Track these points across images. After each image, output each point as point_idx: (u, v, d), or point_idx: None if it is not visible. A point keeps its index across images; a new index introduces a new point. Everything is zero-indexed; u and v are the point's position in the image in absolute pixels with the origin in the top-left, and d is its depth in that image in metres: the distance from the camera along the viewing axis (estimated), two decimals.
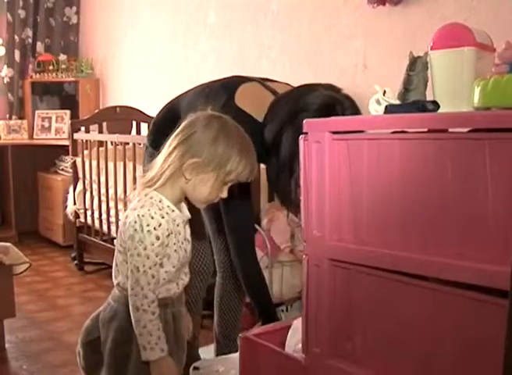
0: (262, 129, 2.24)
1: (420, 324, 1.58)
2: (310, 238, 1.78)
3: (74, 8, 6.20)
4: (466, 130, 1.54)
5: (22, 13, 5.85)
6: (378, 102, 1.85)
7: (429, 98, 1.83)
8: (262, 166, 3.48)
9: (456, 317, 1.50)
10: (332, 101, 2.18)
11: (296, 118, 2.10)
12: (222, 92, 2.37)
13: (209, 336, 2.92)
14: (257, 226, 3.24)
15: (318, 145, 1.75)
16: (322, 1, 3.75)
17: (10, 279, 3.06)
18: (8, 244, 3.07)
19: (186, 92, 2.60)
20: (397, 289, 1.61)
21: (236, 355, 2.42)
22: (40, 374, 2.81)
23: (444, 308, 1.52)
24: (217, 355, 2.68)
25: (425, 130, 1.63)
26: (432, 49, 1.81)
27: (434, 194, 1.54)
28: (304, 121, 1.80)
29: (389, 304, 1.64)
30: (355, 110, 2.20)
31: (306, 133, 1.78)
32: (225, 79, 2.51)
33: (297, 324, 1.95)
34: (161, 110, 2.63)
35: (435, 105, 1.72)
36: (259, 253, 3.19)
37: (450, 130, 1.57)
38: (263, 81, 2.48)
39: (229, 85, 2.40)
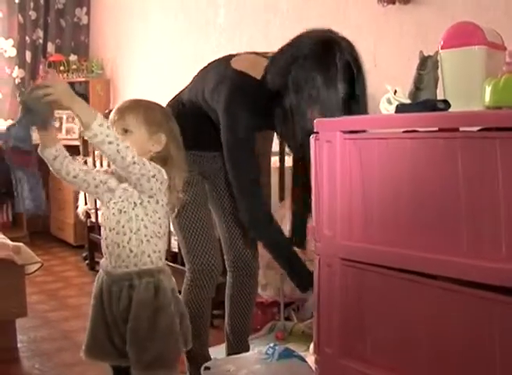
0: (262, 85, 2.20)
1: (430, 323, 1.58)
2: (321, 238, 1.78)
3: (84, 9, 6.23)
4: (477, 129, 1.54)
5: (33, 14, 5.88)
6: (389, 102, 1.85)
7: (440, 97, 1.83)
8: (273, 165, 3.50)
9: (467, 316, 1.50)
10: (329, 39, 2.19)
11: (297, 61, 2.11)
12: (217, 64, 2.42)
13: (220, 336, 2.92)
14: None
15: (329, 145, 1.76)
16: (332, 1, 3.75)
17: (22, 278, 3.08)
18: (20, 244, 3.08)
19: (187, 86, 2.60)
20: (408, 288, 1.61)
21: (247, 354, 2.43)
22: (52, 373, 2.82)
23: (454, 307, 1.52)
24: (228, 354, 2.68)
25: (436, 129, 1.63)
26: (442, 48, 1.81)
27: (445, 194, 1.54)
28: (315, 121, 1.80)
29: (400, 303, 1.64)
30: (353, 52, 2.21)
31: (317, 132, 1.79)
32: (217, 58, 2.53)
33: None
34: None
35: (446, 104, 1.72)
36: None
37: (461, 129, 1.57)
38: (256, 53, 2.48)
39: (224, 58, 2.43)
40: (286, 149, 3.64)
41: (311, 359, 2.13)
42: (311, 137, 1.82)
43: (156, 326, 1.84)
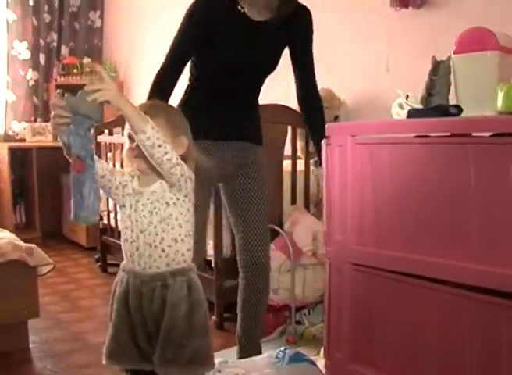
0: None
1: (440, 328, 1.58)
2: (332, 242, 1.79)
3: (98, 12, 6.26)
4: (489, 134, 1.54)
5: (47, 17, 5.91)
6: (400, 106, 1.85)
7: (452, 102, 1.83)
8: (285, 169, 3.51)
9: (476, 321, 1.49)
10: None
11: None
12: None
13: (230, 338, 2.92)
14: (279, 229, 3.25)
15: (341, 149, 1.76)
16: (345, 4, 3.75)
17: (34, 280, 3.09)
18: (32, 245, 3.09)
19: None
20: (418, 294, 1.61)
21: (258, 357, 2.43)
22: (63, 374, 2.83)
23: (464, 313, 1.52)
24: (240, 357, 2.68)
25: (448, 134, 1.63)
26: (454, 53, 1.81)
27: (456, 199, 1.54)
28: (327, 125, 1.81)
29: (410, 308, 1.64)
30: None
31: (328, 136, 1.79)
32: None
33: None
34: None
35: (458, 109, 1.72)
36: (281, 256, 3.20)
37: (473, 134, 1.57)
38: None
39: None
40: (298, 153, 3.65)
41: (321, 363, 2.13)
42: None
43: (192, 323, 1.84)
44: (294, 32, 2.43)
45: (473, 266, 1.47)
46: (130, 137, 1.80)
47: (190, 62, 2.49)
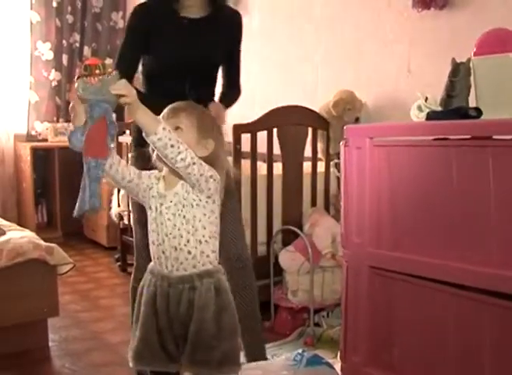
0: None
1: (460, 334, 1.56)
2: (349, 245, 1.78)
3: (120, 13, 6.29)
4: (510, 137, 1.52)
5: (70, 18, 5.95)
6: (419, 109, 1.84)
7: (472, 104, 1.81)
8: (305, 171, 3.50)
9: (496, 327, 1.48)
10: None
11: None
12: None
13: None
14: (298, 231, 3.24)
15: (359, 151, 1.75)
16: (366, 5, 3.73)
17: (54, 279, 3.11)
18: (53, 244, 3.11)
19: None
20: (437, 298, 1.60)
21: (275, 360, 2.42)
22: (81, 373, 2.84)
23: (484, 318, 1.50)
24: (247, 358, 2.62)
25: (468, 137, 1.61)
26: (475, 55, 1.79)
27: (476, 202, 1.52)
28: (345, 127, 1.80)
29: (429, 313, 1.62)
30: None
31: (347, 138, 1.78)
32: None
33: None
34: None
35: (478, 111, 1.70)
36: (300, 258, 3.19)
37: (494, 137, 1.55)
38: None
39: None
40: (319, 154, 3.64)
41: (339, 366, 2.12)
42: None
43: (221, 325, 1.84)
44: (224, 29, 2.66)
45: (493, 271, 1.45)
46: None
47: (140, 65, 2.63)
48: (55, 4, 5.82)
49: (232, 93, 2.79)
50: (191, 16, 2.56)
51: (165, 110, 1.88)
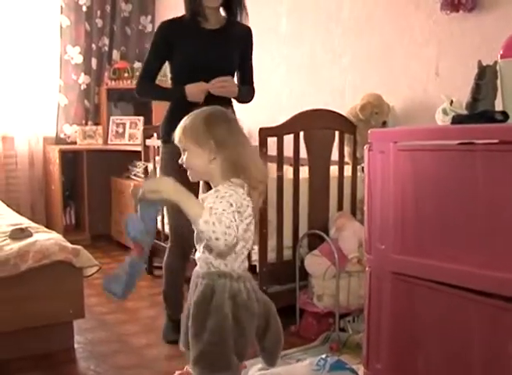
0: None
1: (483, 341, 1.53)
2: (373, 251, 1.76)
3: (149, 17, 6.32)
4: None
5: (99, 22, 6.00)
6: (444, 112, 1.81)
7: (498, 108, 1.77)
8: (332, 175, 3.48)
9: None
10: None
11: None
12: None
13: None
14: (324, 236, 3.22)
15: (383, 155, 1.73)
16: (394, 8, 3.70)
17: (80, 281, 3.13)
18: (79, 246, 3.13)
19: None
20: (461, 305, 1.57)
21: (298, 365, 2.41)
22: None
23: (510, 326, 1.47)
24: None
25: (494, 141, 1.58)
26: (501, 57, 1.76)
27: (503, 208, 1.49)
28: (369, 131, 1.78)
29: (453, 320, 1.60)
30: None
31: (370, 143, 1.76)
32: None
33: None
34: None
35: (505, 115, 1.67)
36: (326, 262, 3.17)
37: None
38: None
39: None
40: (346, 158, 3.62)
41: (364, 372, 2.10)
42: None
43: (205, 326, 1.89)
44: (237, 38, 3.14)
45: None
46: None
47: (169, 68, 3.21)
48: (84, 8, 5.88)
49: (245, 88, 3.18)
50: (209, 27, 3.07)
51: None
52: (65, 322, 3.15)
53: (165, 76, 3.95)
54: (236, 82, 3.14)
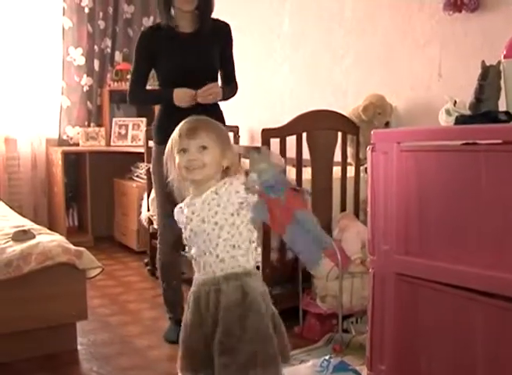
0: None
1: (488, 343, 1.52)
2: (376, 251, 1.75)
3: (151, 19, 6.31)
4: None
5: (101, 24, 6.00)
6: (448, 113, 1.81)
7: (502, 108, 1.77)
8: (335, 175, 3.47)
9: None
10: None
11: None
12: None
13: None
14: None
15: (386, 156, 1.73)
16: (397, 9, 3.70)
17: (83, 282, 3.13)
18: (81, 248, 3.13)
19: None
20: (465, 306, 1.56)
21: (301, 366, 2.40)
22: None
23: None
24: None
25: (498, 141, 1.57)
26: (505, 57, 1.75)
27: (507, 209, 1.48)
28: (372, 132, 1.77)
29: (456, 321, 1.59)
30: None
31: (373, 143, 1.76)
32: None
33: None
34: None
35: (508, 115, 1.66)
36: (329, 263, 3.16)
37: None
38: None
39: None
40: (348, 159, 3.61)
41: (367, 373, 2.09)
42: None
43: (246, 328, 1.84)
44: (215, 37, 3.18)
45: None
46: (184, 150, 1.91)
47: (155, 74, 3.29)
48: (86, 10, 5.88)
49: (229, 87, 3.28)
50: (186, 31, 3.14)
51: (184, 128, 1.95)
52: (68, 323, 3.15)
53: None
54: (219, 83, 3.23)
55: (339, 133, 3.56)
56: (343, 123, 3.57)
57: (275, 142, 3.23)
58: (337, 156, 3.55)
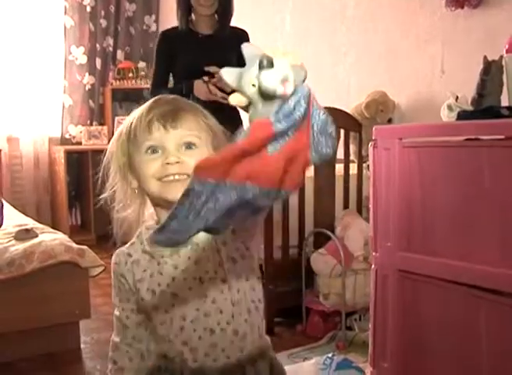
0: None
1: (491, 339, 1.52)
2: (378, 248, 1.75)
3: (153, 17, 6.32)
4: None
5: (103, 23, 6.01)
6: (450, 108, 1.80)
7: (504, 103, 1.76)
8: (338, 173, 3.47)
9: None
10: None
11: None
12: None
13: (281, 342, 2.90)
14: (330, 234, 3.21)
15: (388, 152, 1.72)
16: (399, 6, 3.69)
17: (86, 281, 3.13)
18: (84, 247, 3.13)
19: None
20: (469, 303, 1.56)
21: (304, 364, 2.40)
22: None
23: None
24: None
25: (500, 137, 1.57)
26: (507, 52, 1.74)
27: (510, 205, 1.48)
28: (374, 128, 1.77)
29: (460, 318, 1.58)
30: None
31: (375, 139, 1.75)
32: None
33: None
34: None
35: (510, 110, 1.66)
36: (332, 261, 3.16)
37: None
38: None
39: None
40: (351, 156, 3.61)
41: (370, 370, 2.08)
42: None
43: None
44: (236, 44, 3.04)
45: None
46: (154, 149, 1.24)
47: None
48: (88, 8, 5.89)
49: None
50: (205, 33, 3.27)
51: (156, 111, 1.25)
52: (72, 322, 3.15)
53: None
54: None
55: (342, 131, 3.55)
56: (346, 120, 3.56)
57: None
58: (340, 153, 3.54)
